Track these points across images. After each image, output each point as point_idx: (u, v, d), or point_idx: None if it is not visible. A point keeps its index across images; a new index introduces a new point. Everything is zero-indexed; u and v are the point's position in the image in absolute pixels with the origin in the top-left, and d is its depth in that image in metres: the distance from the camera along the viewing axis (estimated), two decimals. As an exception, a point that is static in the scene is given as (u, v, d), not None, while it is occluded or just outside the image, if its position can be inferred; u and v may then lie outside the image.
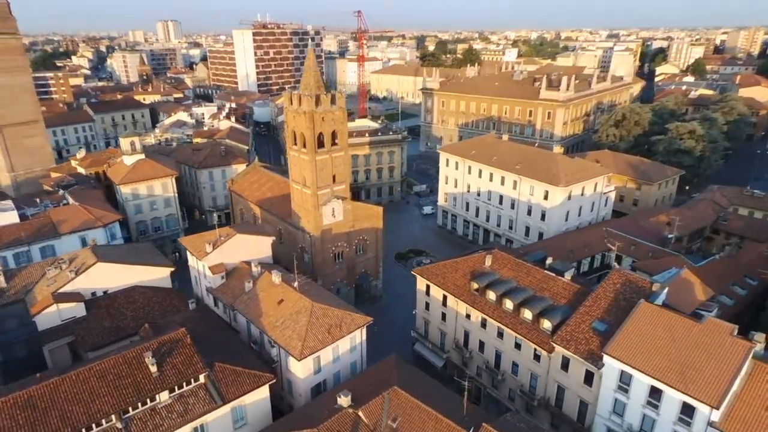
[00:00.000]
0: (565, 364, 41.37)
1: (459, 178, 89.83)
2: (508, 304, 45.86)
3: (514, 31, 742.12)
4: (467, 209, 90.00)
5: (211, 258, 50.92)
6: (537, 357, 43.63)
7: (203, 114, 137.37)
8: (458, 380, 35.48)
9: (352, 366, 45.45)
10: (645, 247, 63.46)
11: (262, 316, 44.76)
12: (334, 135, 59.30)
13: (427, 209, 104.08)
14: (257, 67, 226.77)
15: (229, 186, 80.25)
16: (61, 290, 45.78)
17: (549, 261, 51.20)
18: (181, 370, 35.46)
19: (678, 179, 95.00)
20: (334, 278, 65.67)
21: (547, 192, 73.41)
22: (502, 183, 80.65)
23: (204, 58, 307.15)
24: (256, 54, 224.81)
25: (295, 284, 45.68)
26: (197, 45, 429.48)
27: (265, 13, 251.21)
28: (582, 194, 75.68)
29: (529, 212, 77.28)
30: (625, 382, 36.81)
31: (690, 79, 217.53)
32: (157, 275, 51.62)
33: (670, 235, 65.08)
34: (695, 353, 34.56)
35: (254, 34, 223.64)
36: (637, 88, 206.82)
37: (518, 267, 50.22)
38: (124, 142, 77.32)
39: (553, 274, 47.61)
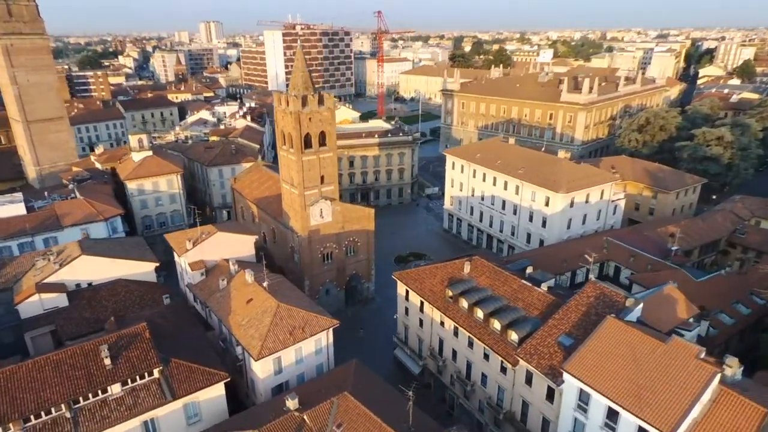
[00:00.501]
0: (529, 379, 39.79)
1: (464, 182, 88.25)
2: (479, 314, 44.56)
3: (558, 31, 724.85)
4: (471, 213, 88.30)
5: (191, 254, 51.94)
6: (504, 369, 42.17)
7: (225, 113, 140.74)
8: (403, 389, 34.54)
9: (318, 368, 45.29)
10: (644, 258, 60.32)
11: (231, 315, 45.27)
12: (323, 136, 59.36)
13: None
14: (286, 67, 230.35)
15: (231, 184, 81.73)
16: (46, 281, 47.68)
17: (529, 270, 49.43)
18: (135, 364, 36.25)
19: (700, 188, 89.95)
20: (323, 279, 65.74)
21: (548, 198, 71.05)
22: (505, 188, 78.65)
23: (239, 59, 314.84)
24: (285, 54, 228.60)
25: (265, 284, 45.92)
26: (236, 45, 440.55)
27: (296, 14, 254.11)
28: (587, 201, 72.77)
29: (531, 218, 75.03)
30: (584, 401, 34.98)
31: (736, 81, 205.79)
32: (142, 269, 53.07)
33: (673, 248, 61.60)
34: (656, 375, 32.43)
35: (284, 34, 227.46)
36: (674, 91, 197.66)
37: (496, 275, 48.71)
38: (133, 139, 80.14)
39: (530, 284, 45.88)
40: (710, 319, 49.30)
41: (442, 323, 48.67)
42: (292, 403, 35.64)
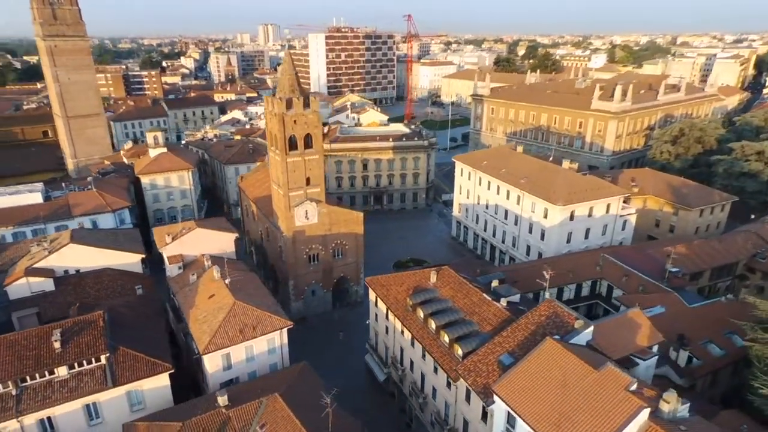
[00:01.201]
0: (468, 396, 38.44)
1: (471, 189, 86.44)
2: (432, 325, 43.53)
3: (625, 34, 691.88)
4: (477, 222, 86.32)
5: (170, 248, 54.18)
6: (449, 384, 40.96)
7: (257, 113, 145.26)
8: (323, 402, 34.18)
9: (272, 366, 45.90)
10: (638, 279, 56.60)
11: (193, 308, 46.82)
12: (309, 138, 60.13)
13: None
14: (328, 69, 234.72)
15: (238, 182, 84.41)
16: (35, 266, 51.32)
17: (495, 284, 47.72)
18: (84, 349, 38.31)
19: (730, 207, 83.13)
20: (309, 280, 66.49)
21: (546, 210, 68.23)
22: (508, 197, 76.31)
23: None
24: (327, 57, 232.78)
25: (227, 281, 47.11)
26: (291, 47, 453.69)
27: (341, 17, 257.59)
28: (590, 215, 69.22)
29: (531, 230, 72.35)
30: (511, 425, 33.39)
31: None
32: (128, 260, 55.82)
33: (672, 269, 57.35)
34: (581, 403, 30.40)
35: (327, 37, 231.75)
36: (733, 100, 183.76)
37: (459, 287, 47.39)
38: (149, 136, 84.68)
39: (490, 299, 44.28)
40: (692, 348, 45.60)
41: (402, 332, 47.95)
42: (221, 400, 36.40)
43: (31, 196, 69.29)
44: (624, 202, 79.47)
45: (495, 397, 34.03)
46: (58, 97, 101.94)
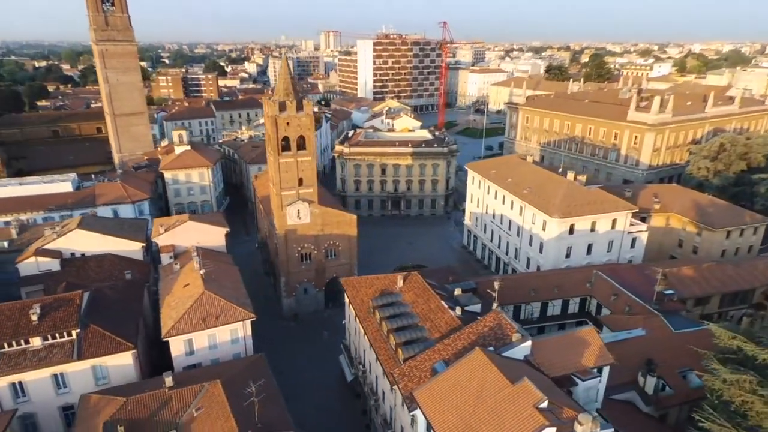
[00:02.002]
0: (403, 401, 38.29)
1: (480, 198, 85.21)
2: (384, 328, 43.75)
3: (705, 42, 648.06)
4: (485, 231, 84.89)
5: (163, 238, 57.87)
6: (392, 388, 40.97)
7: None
8: (248, 391, 35.36)
9: (235, 356, 47.79)
10: (626, 299, 53.56)
11: (169, 295, 49.86)
12: (303, 140, 62.14)
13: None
14: (374, 75, 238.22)
15: (253, 181, 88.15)
16: (45, 247, 56.63)
17: (458, 293, 47.11)
18: (57, 324, 42.00)
19: (764, 229, 76.38)
20: (300, 278, 68.36)
21: (545, 222, 66.12)
22: (512, 207, 74.64)
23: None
24: (374, 63, 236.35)
25: (201, 272, 49.74)
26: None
27: (390, 24, 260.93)
28: (592, 230, 66.28)
29: (531, 242, 70.32)
30: (429, 433, 33.07)
31: None
32: (130, 247, 60.12)
33: (666, 291, 53.79)
34: (489, 417, 29.68)
35: (375, 44, 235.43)
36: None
37: (422, 293, 47.22)
38: (175, 135, 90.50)
39: (446, 306, 43.86)
40: (666, 376, 42.72)
41: (363, 333, 48.41)
42: (167, 381, 38.70)
43: (62, 185, 76.31)
44: (641, 219, 75.65)
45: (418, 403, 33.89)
46: (107, 97, 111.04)
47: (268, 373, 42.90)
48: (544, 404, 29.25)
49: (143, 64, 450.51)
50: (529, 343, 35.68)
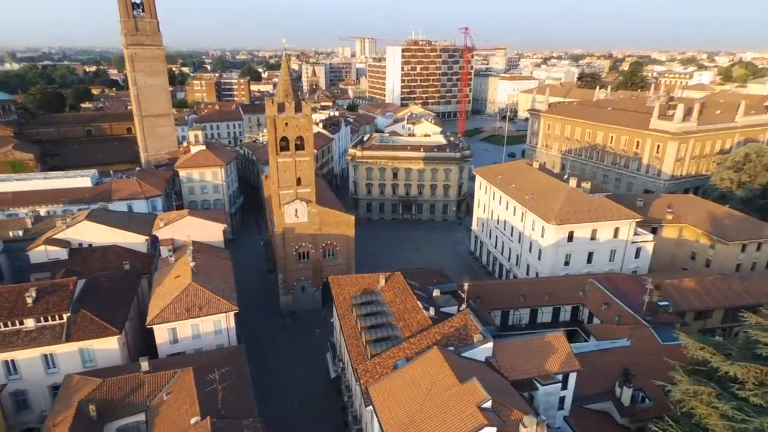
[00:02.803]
0: (362, 397, 38.55)
1: (486, 204, 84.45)
2: (358, 326, 44.14)
3: (759, 51, 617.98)
4: (490, 237, 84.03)
5: (163, 232, 60.27)
6: (356, 384, 41.25)
7: (315, 120, 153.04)
8: (211, 377, 36.39)
9: (219, 347, 49.14)
10: (617, 309, 51.93)
11: (160, 286, 51.88)
12: (301, 140, 63.55)
13: None
14: (402, 81, 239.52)
15: (263, 180, 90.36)
16: (54, 237, 59.99)
17: (435, 293, 47.00)
18: (50, 307, 44.48)
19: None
20: (298, 276, 69.56)
21: (543, 228, 64.98)
22: (514, 213, 73.70)
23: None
24: (403, 69, 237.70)
25: (192, 264, 51.54)
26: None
27: (419, 31, 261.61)
28: (593, 238, 64.64)
29: (530, 249, 69.18)
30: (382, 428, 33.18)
31: None
32: (134, 240, 62.88)
33: (661, 302, 51.87)
34: (434, 413, 29.61)
35: (403, 50, 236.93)
36: None
37: (401, 292, 47.39)
38: (191, 135, 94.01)
39: (421, 306, 43.87)
40: (645, 388, 41.25)
41: (340, 330, 48.94)
42: (144, 366, 40.39)
43: (82, 180, 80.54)
44: (652, 229, 73.30)
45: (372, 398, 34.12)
46: (136, 99, 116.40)
47: (243, 364, 44.05)
48: (488, 404, 28.97)
49: (186, 69, 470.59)
50: (490, 344, 35.35)
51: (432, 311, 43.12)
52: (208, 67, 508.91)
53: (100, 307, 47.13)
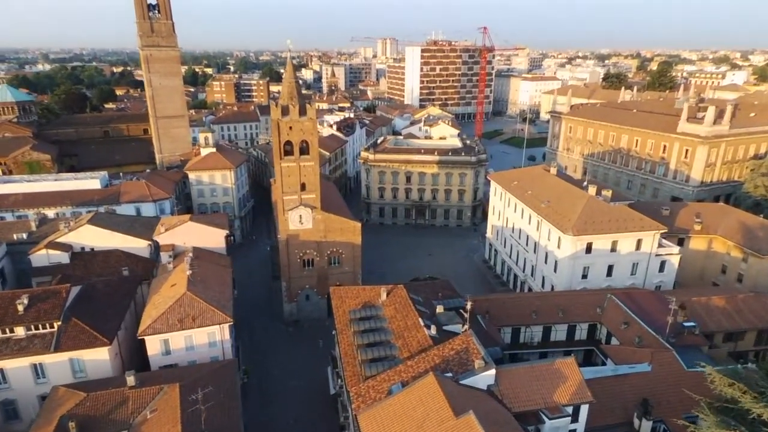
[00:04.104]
0: (352, 422, 35.99)
1: (501, 210, 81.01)
2: (355, 343, 41.66)
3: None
4: (504, 245, 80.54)
5: (163, 237, 58.91)
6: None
7: (327, 122, 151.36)
8: (193, 398, 34.39)
9: (213, 359, 47.35)
10: (637, 328, 48.15)
11: (156, 294, 50.38)
12: (306, 144, 61.49)
13: None
14: (421, 82, 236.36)
15: (272, 183, 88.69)
16: (57, 240, 59.26)
17: (439, 309, 44.15)
18: (41, 315, 43.32)
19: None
20: (302, 284, 67.51)
21: (559, 239, 61.39)
22: (529, 221, 70.19)
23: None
24: (422, 70, 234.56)
25: (188, 272, 49.89)
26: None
27: (439, 31, 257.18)
28: (613, 250, 60.74)
29: (546, 260, 65.62)
30: (371, 461, 30.63)
31: None
32: (137, 245, 61.81)
33: (687, 323, 47.88)
34: (424, 452, 26.95)
35: (423, 50, 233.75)
36: None
37: (402, 308, 44.71)
38: (201, 137, 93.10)
39: (422, 324, 41.13)
40: (667, 419, 37.66)
41: (337, 346, 46.55)
42: (130, 380, 38.72)
43: (91, 182, 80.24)
44: (679, 241, 68.92)
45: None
46: (151, 100, 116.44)
47: (233, 380, 42.05)
48: (484, 443, 26.15)
49: (209, 69, 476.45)
50: (492, 372, 32.40)
51: (433, 330, 40.35)
52: (231, 68, 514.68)
53: (93, 316, 45.83)
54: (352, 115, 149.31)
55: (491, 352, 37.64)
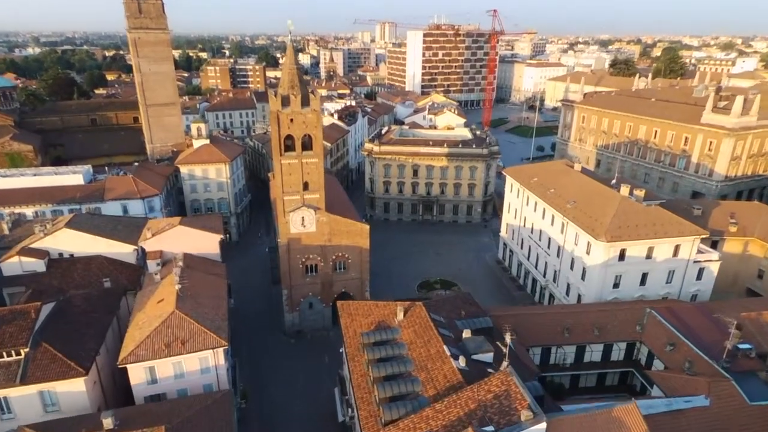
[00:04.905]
0: (378, 477, 30.50)
1: (518, 209, 75.14)
2: (371, 375, 36.00)
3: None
4: (522, 247, 74.85)
5: (150, 243, 52.81)
6: (371, 454, 33.20)
7: (328, 109, 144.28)
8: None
9: (207, 387, 41.68)
10: (686, 351, 42.71)
11: (141, 311, 44.48)
12: (309, 139, 55.20)
13: None
14: (423, 67, 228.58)
15: (270, 179, 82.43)
16: (31, 246, 53.09)
17: (466, 335, 38.43)
18: (6, 340, 37.37)
19: None
20: (305, 291, 61.76)
21: (589, 244, 55.61)
22: (552, 223, 64.36)
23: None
24: (424, 55, 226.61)
25: (177, 287, 43.94)
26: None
27: (441, 15, 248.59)
28: (648, 257, 55.06)
29: (572, 266, 59.94)
30: None
31: None
32: (121, 250, 55.74)
33: (742, 345, 42.43)
34: None
35: (425, 35, 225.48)
36: None
37: (423, 331, 38.99)
38: (193, 128, 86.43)
39: (449, 353, 35.43)
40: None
41: (349, 376, 40.90)
42: (107, 422, 32.96)
43: (73, 177, 73.72)
44: (712, 244, 63.31)
45: (385, 495, 26.04)
46: (140, 86, 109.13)
47: (229, 418, 36.37)
48: None
49: (204, 54, 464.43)
50: (543, 426, 26.76)
51: (462, 361, 34.68)
52: (227, 52, 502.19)
53: (67, 339, 39.98)
54: (353, 103, 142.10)
55: (530, 387, 32.02)
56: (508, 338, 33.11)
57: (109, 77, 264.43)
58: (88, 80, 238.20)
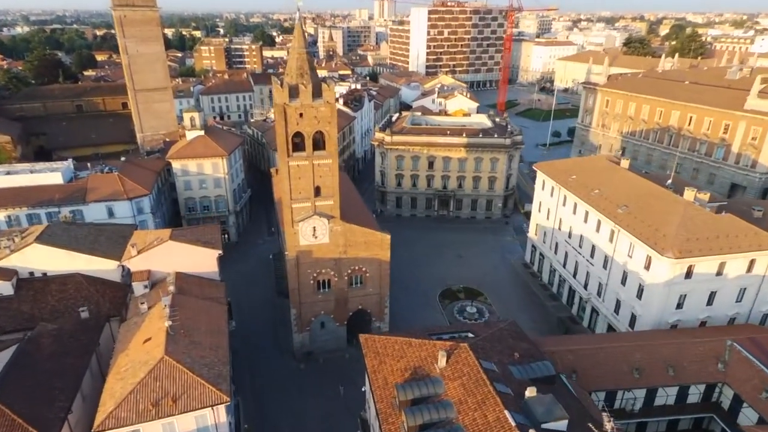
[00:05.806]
0: None
1: (552, 209, 67.11)
2: (413, 448, 28.39)
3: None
4: (556, 252, 67.01)
5: (136, 262, 44.71)
6: None
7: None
8: None
9: (205, 451, 34.18)
10: (788, 401, 35.23)
11: (123, 353, 36.65)
12: (321, 136, 46.71)
13: None
14: (428, 47, 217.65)
15: (273, 175, 73.99)
16: (-3, 265, 44.99)
17: (530, 394, 30.63)
18: (-50, 404, 29.65)
19: None
20: (316, 310, 54.01)
21: (649, 258, 47.71)
22: (598, 229, 56.31)
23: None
24: (429, 33, 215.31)
25: (167, 323, 35.98)
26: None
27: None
28: (719, 273, 47.24)
29: (624, 281, 52.13)
30: None
31: None
32: (103, 266, 47.75)
33: None
34: None
35: (430, 12, 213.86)
36: None
37: (475, 387, 31.24)
38: (186, 117, 77.35)
39: (514, 424, 27.70)
40: None
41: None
42: None
43: (52, 176, 65.13)
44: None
45: None
46: (128, 69, 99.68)
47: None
48: None
49: (197, 33, 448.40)
50: None
51: (532, 435, 26.98)
52: (221, 30, 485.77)
53: (31, 395, 32.29)
54: (358, 86, 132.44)
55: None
56: (608, 425, 25.28)
57: (99, 57, 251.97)
58: (77, 61, 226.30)
